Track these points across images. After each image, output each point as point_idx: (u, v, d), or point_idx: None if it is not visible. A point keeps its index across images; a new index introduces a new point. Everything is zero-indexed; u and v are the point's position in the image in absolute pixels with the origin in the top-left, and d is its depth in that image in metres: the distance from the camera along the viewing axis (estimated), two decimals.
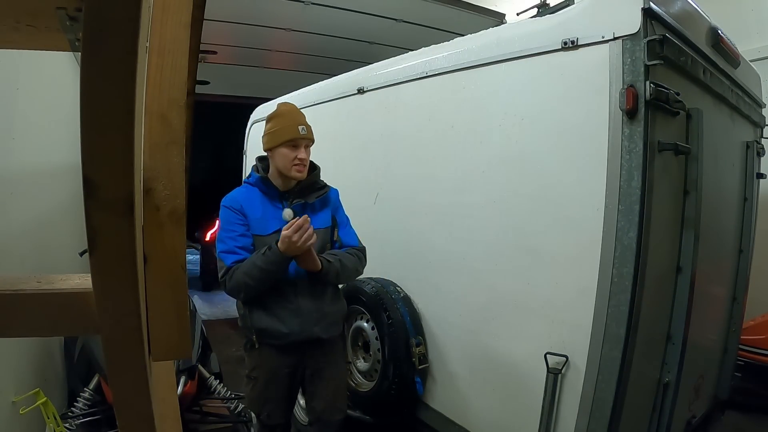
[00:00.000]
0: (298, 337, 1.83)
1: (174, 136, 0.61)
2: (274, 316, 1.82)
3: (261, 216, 1.84)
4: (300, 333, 1.82)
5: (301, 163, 1.83)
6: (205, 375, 2.65)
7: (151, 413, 0.58)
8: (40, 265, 2.25)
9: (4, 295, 0.55)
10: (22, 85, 2.00)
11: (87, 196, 0.46)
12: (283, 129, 1.83)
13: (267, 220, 1.83)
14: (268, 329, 1.83)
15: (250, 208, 1.84)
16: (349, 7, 3.80)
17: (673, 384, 1.68)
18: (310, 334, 1.84)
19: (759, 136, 2.45)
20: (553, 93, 1.71)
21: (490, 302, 1.94)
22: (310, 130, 1.87)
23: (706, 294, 2.00)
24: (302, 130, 1.83)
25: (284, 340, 1.83)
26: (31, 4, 0.53)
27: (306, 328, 1.83)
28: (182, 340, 0.64)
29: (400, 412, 2.30)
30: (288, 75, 5.25)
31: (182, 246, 0.63)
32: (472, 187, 1.99)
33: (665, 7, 1.55)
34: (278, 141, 1.82)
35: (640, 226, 1.48)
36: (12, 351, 1.92)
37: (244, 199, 1.86)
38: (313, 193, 1.91)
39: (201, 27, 0.62)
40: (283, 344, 1.84)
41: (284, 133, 1.82)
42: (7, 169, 1.92)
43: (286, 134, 1.81)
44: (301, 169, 1.84)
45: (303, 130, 1.83)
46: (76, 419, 2.23)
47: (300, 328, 1.82)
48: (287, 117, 1.87)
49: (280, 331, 1.82)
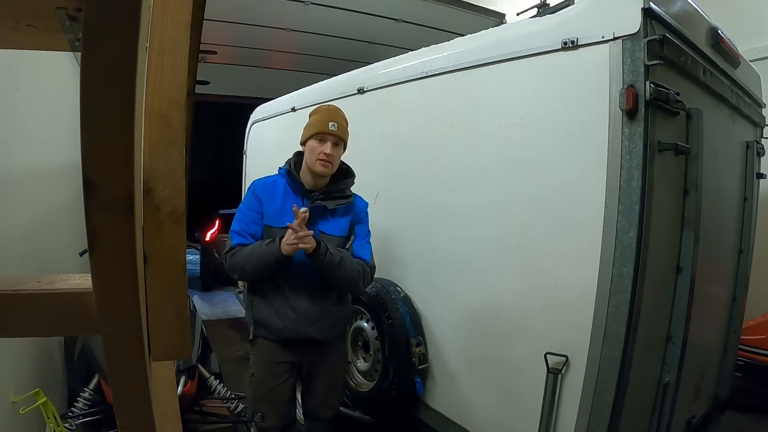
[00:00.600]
0: (291, 334, 1.83)
1: (174, 136, 0.61)
2: (272, 309, 1.84)
3: (279, 208, 1.84)
4: (294, 330, 1.83)
5: (327, 159, 1.80)
6: (205, 375, 2.65)
7: (151, 413, 0.58)
8: (40, 265, 2.25)
9: (4, 295, 0.55)
10: (22, 85, 1.99)
11: (87, 196, 0.46)
12: (315, 123, 1.85)
13: (284, 213, 1.82)
14: (263, 321, 1.86)
15: (271, 198, 1.86)
16: (349, 7, 3.81)
17: (673, 384, 1.68)
18: (303, 334, 1.84)
19: (759, 136, 2.45)
20: (553, 93, 1.71)
21: (490, 302, 1.94)
22: (343, 130, 1.86)
23: (706, 294, 2.00)
24: (332, 126, 1.82)
25: (278, 334, 1.84)
26: (31, 4, 0.53)
27: (300, 327, 1.83)
28: (182, 340, 0.64)
29: (400, 412, 2.30)
30: (288, 75, 5.25)
31: (182, 246, 0.63)
32: (472, 186, 1.99)
33: (665, 7, 1.55)
34: (308, 134, 1.84)
35: (640, 226, 1.48)
36: (12, 351, 1.92)
37: (268, 188, 1.89)
38: (335, 200, 1.88)
39: (201, 27, 0.62)
40: (276, 339, 1.86)
41: (314, 126, 1.83)
42: (7, 169, 1.92)
43: (315, 127, 1.83)
44: (326, 165, 1.81)
45: (333, 126, 1.82)
46: (76, 419, 2.23)
47: (295, 326, 1.83)
48: (323, 113, 1.89)
49: (274, 325, 1.84)
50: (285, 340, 1.85)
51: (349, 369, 2.50)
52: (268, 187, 1.89)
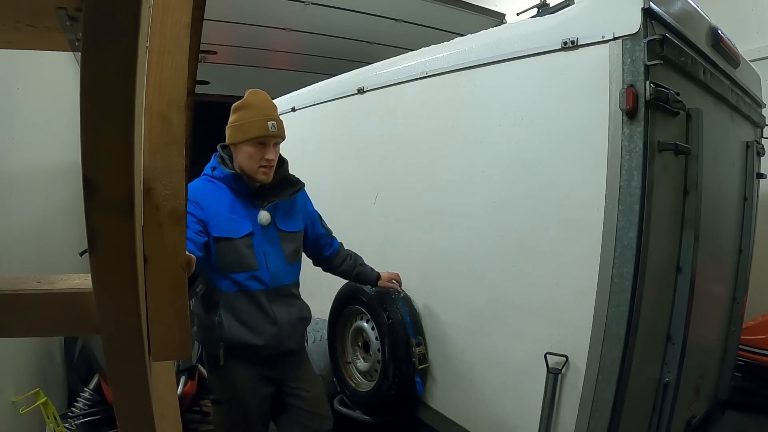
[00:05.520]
0: (273, 351, 1.68)
1: (174, 136, 0.61)
2: (247, 327, 1.64)
3: (230, 216, 1.62)
4: (276, 347, 1.68)
5: (269, 164, 1.63)
6: (205, 375, 2.65)
7: (151, 413, 0.58)
8: (40, 265, 2.25)
9: (4, 295, 0.55)
10: (22, 85, 2.00)
11: (87, 196, 0.46)
12: (250, 124, 1.60)
13: (237, 221, 1.63)
14: (239, 342, 1.64)
15: (215, 205, 1.61)
16: (349, 7, 3.80)
17: (673, 384, 1.68)
18: (284, 347, 1.71)
19: (759, 136, 2.45)
20: (553, 93, 1.71)
21: (490, 302, 1.94)
22: (281, 126, 1.66)
23: (706, 294, 2.00)
24: (272, 127, 1.60)
25: (256, 354, 1.66)
26: (31, 4, 0.53)
27: (281, 341, 1.69)
28: (182, 340, 0.64)
29: (400, 412, 2.30)
30: (288, 75, 5.24)
31: (182, 246, 0.64)
32: (472, 187, 1.99)
33: (665, 7, 1.55)
34: (244, 137, 1.60)
35: (640, 226, 1.48)
36: (12, 351, 1.92)
37: (207, 193, 1.62)
38: (286, 191, 1.74)
39: (201, 27, 0.62)
40: (253, 359, 1.67)
41: (251, 128, 1.60)
42: (7, 169, 1.92)
43: (252, 130, 1.60)
44: (268, 171, 1.64)
45: (273, 126, 1.61)
46: (76, 419, 2.24)
47: (276, 341, 1.68)
48: (256, 109, 1.63)
49: (252, 344, 1.64)
50: (261, 359, 1.67)
51: (349, 369, 2.50)
52: (207, 192, 1.62)
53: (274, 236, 1.73)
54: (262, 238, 1.69)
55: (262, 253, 1.69)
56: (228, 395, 1.69)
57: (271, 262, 1.69)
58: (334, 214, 2.27)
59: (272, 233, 1.72)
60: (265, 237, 1.70)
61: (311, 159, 2.84)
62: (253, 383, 1.70)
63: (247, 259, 1.65)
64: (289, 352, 1.75)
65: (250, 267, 1.65)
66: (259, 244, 1.68)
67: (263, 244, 1.69)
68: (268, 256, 1.69)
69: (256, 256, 1.67)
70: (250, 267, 1.65)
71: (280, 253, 1.73)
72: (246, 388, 1.68)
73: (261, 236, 1.69)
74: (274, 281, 1.69)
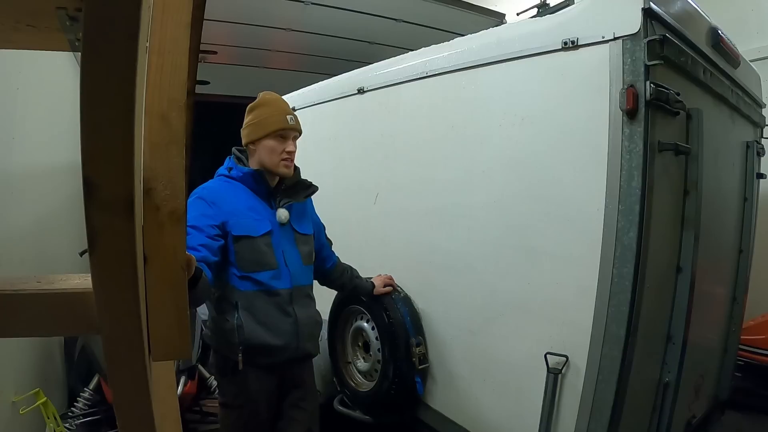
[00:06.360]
0: (291, 354, 1.67)
1: (174, 136, 0.61)
2: (266, 327, 1.63)
3: (249, 215, 1.63)
4: (294, 349, 1.67)
5: (290, 157, 1.66)
6: (205, 375, 2.66)
7: (151, 413, 0.58)
8: (39, 265, 2.25)
9: (4, 295, 0.55)
10: (22, 85, 2.00)
11: (87, 196, 0.46)
12: (269, 119, 1.64)
13: (258, 220, 1.64)
14: (258, 343, 1.61)
15: (233, 204, 1.62)
16: (349, 7, 3.80)
17: (673, 384, 1.68)
18: (302, 350, 1.71)
19: (759, 136, 2.45)
20: (553, 93, 1.71)
21: (490, 302, 1.94)
22: (298, 121, 1.72)
23: (706, 294, 2.00)
24: (291, 120, 1.66)
25: (274, 357, 1.64)
26: (31, 4, 0.53)
27: (300, 342, 1.69)
28: (182, 340, 0.64)
29: (400, 412, 2.30)
30: (288, 75, 5.24)
31: (182, 246, 0.63)
32: (473, 187, 1.99)
33: (665, 7, 1.55)
34: (264, 132, 1.64)
35: (640, 226, 1.48)
36: (12, 351, 1.92)
37: (221, 194, 1.63)
38: (300, 193, 1.77)
39: (201, 27, 0.62)
40: (269, 365, 1.66)
41: (271, 123, 1.63)
42: (7, 169, 1.92)
43: (273, 124, 1.63)
44: (290, 164, 1.67)
45: (292, 120, 1.66)
46: (76, 419, 2.24)
47: (296, 341, 1.67)
48: (273, 106, 1.69)
49: (271, 345, 1.63)
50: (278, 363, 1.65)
51: (349, 369, 2.50)
52: (225, 192, 1.64)
53: (291, 236, 1.74)
54: (281, 237, 1.70)
55: (281, 252, 1.69)
56: (241, 401, 1.66)
57: (290, 262, 1.70)
58: (335, 215, 2.27)
59: (289, 233, 1.73)
60: (284, 236, 1.71)
61: (311, 159, 2.83)
62: (269, 391, 1.69)
63: (267, 258, 1.65)
64: (306, 355, 1.76)
65: (270, 266, 1.65)
66: (278, 243, 1.69)
67: (282, 243, 1.70)
68: (287, 255, 1.70)
69: (276, 254, 1.67)
70: (270, 266, 1.65)
71: (297, 253, 1.75)
72: (261, 396, 1.66)
73: (279, 235, 1.70)
74: (294, 280, 1.70)
